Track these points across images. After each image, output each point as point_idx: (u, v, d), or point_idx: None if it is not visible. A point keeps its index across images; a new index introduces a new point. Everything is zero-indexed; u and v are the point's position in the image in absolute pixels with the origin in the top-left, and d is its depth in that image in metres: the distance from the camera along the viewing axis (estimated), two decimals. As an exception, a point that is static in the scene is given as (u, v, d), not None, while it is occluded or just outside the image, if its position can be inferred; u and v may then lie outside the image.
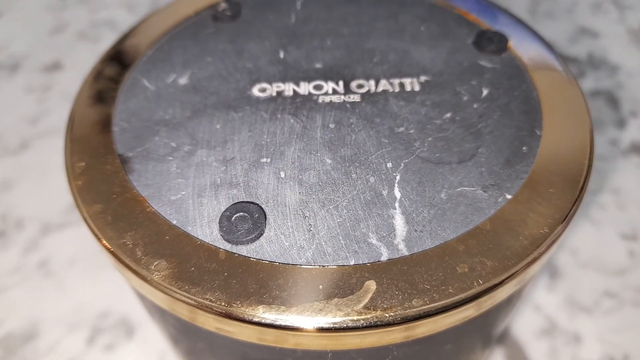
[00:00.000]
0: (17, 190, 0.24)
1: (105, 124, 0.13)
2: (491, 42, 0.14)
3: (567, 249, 0.23)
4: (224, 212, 0.11)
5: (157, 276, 0.10)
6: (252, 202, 0.11)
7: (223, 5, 0.16)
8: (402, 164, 0.12)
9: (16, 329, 0.20)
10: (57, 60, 0.30)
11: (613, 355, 0.20)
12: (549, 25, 0.32)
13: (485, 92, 0.13)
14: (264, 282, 0.10)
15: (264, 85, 0.13)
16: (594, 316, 0.21)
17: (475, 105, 0.13)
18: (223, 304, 0.09)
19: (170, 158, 0.12)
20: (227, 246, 0.10)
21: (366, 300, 0.09)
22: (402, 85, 0.13)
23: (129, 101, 0.13)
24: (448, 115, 0.13)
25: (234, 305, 0.09)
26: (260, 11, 0.16)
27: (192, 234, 0.10)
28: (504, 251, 0.10)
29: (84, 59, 0.29)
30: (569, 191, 0.11)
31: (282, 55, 0.14)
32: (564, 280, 0.22)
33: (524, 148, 0.12)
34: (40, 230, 0.23)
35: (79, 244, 0.22)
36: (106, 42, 0.30)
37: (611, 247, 0.23)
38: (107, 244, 0.10)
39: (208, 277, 0.10)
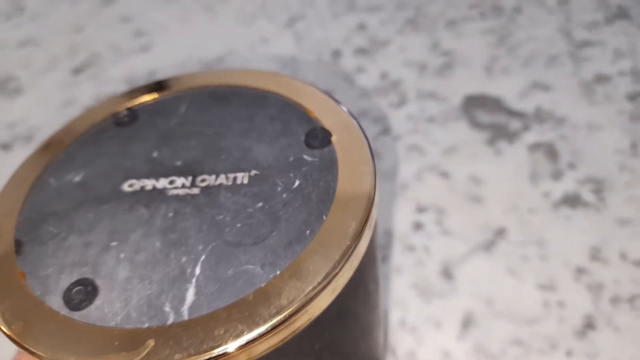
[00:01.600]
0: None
1: (12, 215, 0.17)
2: (317, 138, 0.17)
3: (483, 298, 0.24)
4: (69, 285, 0.14)
5: (14, 333, 0.14)
6: (90, 278, 0.15)
7: (124, 112, 0.20)
8: (210, 246, 0.15)
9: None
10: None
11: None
12: (503, 80, 0.34)
13: (297, 183, 0.16)
14: (82, 338, 0.13)
15: (133, 181, 0.17)
16: (496, 363, 0.22)
17: (284, 195, 0.16)
18: (49, 354, 0.13)
19: (50, 242, 0.16)
20: (67, 312, 0.14)
21: (142, 355, 0.13)
22: (235, 179, 0.16)
23: (36, 196, 0.17)
24: (260, 204, 0.16)
25: (50, 354, 0.13)
26: (152, 116, 0.19)
27: (47, 302, 0.14)
28: (255, 317, 0.13)
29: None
30: (325, 266, 0.14)
31: (155, 154, 0.18)
32: (476, 328, 0.24)
33: (307, 231, 0.15)
34: None
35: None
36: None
37: (527, 297, 0.24)
38: None
39: (46, 335, 0.13)
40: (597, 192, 0.28)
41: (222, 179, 0.17)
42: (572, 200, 0.27)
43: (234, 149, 0.17)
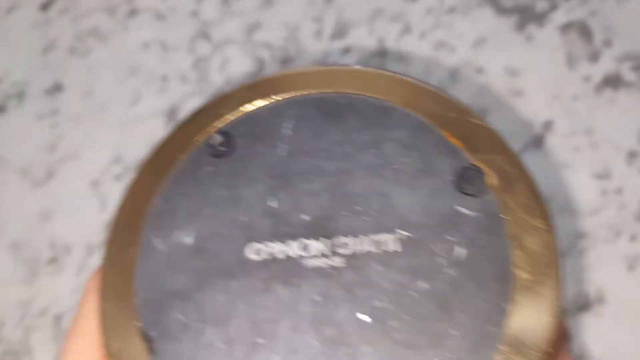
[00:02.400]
0: (57, 218, 0.27)
1: (126, 294, 0.14)
2: (470, 181, 0.14)
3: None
4: None
5: None
6: None
7: (217, 138, 0.16)
8: (379, 348, 0.13)
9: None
10: (56, 81, 0.31)
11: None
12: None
13: (458, 251, 0.13)
14: None
15: (258, 245, 0.14)
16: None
17: (449, 271, 0.13)
18: None
19: (185, 338, 0.13)
20: None
21: None
22: (382, 244, 0.14)
23: (146, 267, 0.15)
24: (422, 284, 0.13)
25: None
26: (252, 143, 0.16)
27: None
28: None
29: (79, 75, 0.31)
30: None
31: (272, 203, 0.15)
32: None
33: (491, 328, 0.13)
34: (87, 252, 0.26)
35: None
36: (95, 54, 0.32)
37: (584, 188, 0.25)
38: None
39: None
40: (637, 69, 0.27)
41: (367, 244, 0.14)
42: (613, 82, 0.27)
43: (370, 196, 0.14)
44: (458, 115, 0.15)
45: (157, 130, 0.29)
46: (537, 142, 0.26)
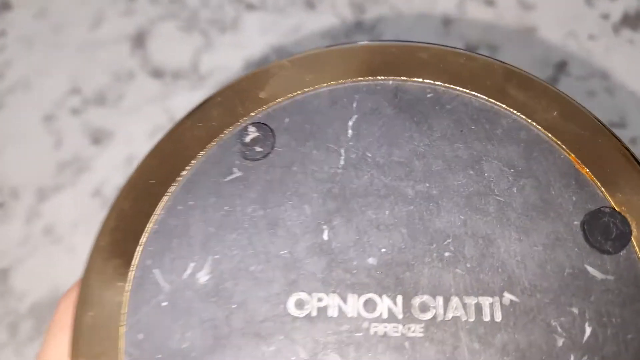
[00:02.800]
0: (3, 157, 0.24)
1: (113, 352, 0.10)
2: (609, 233, 0.10)
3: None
4: None
5: None
6: None
7: (252, 132, 0.11)
8: None
9: (42, 298, 0.22)
10: (1, -4, 0.27)
11: None
12: None
13: (587, 331, 0.10)
14: None
15: (303, 296, 0.10)
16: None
17: (571, 357, 0.10)
18: None
19: None
20: None
21: None
22: (479, 309, 0.10)
23: (139, 309, 0.10)
24: None
25: None
26: (299, 143, 0.11)
27: None
28: None
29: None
30: None
31: (325, 235, 0.11)
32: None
33: None
34: (38, 197, 0.23)
35: (76, 205, 0.23)
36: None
37: (599, 137, 0.23)
38: None
39: None
40: (661, 7, 0.25)
41: (455, 307, 0.10)
42: (633, 21, 0.25)
43: (464, 238, 0.10)
44: (589, 134, 0.12)
45: (121, 58, 0.25)
46: (551, 84, 0.24)
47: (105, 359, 0.10)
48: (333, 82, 0.12)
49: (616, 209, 0.11)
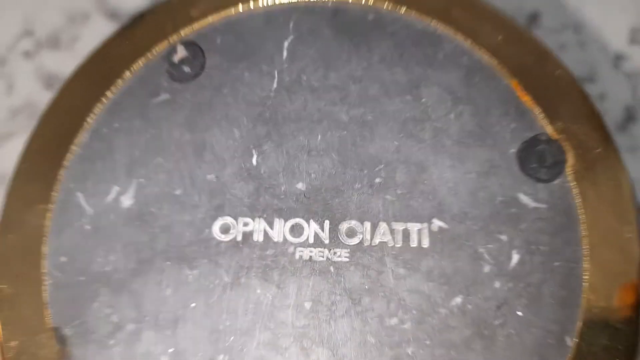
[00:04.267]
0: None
1: (35, 273, 0.10)
2: (543, 160, 0.10)
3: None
4: None
5: None
6: None
7: (181, 51, 0.11)
8: None
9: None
10: None
11: None
12: None
13: (515, 260, 0.09)
14: None
15: (228, 220, 0.10)
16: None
17: (497, 284, 0.09)
18: None
19: (113, 342, 0.10)
20: None
21: None
22: (406, 235, 0.10)
23: (62, 232, 0.10)
24: (458, 300, 0.09)
25: None
26: (230, 64, 0.11)
27: None
28: None
29: None
30: None
31: (254, 160, 0.10)
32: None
33: None
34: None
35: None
36: None
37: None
38: None
39: None
40: (637, -42, 0.24)
41: (383, 233, 0.10)
42: (609, -28, 0.24)
43: (396, 164, 0.10)
44: (534, 60, 0.11)
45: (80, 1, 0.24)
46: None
47: (27, 281, 0.10)
48: (269, 1, 0.11)
49: (553, 136, 0.11)
